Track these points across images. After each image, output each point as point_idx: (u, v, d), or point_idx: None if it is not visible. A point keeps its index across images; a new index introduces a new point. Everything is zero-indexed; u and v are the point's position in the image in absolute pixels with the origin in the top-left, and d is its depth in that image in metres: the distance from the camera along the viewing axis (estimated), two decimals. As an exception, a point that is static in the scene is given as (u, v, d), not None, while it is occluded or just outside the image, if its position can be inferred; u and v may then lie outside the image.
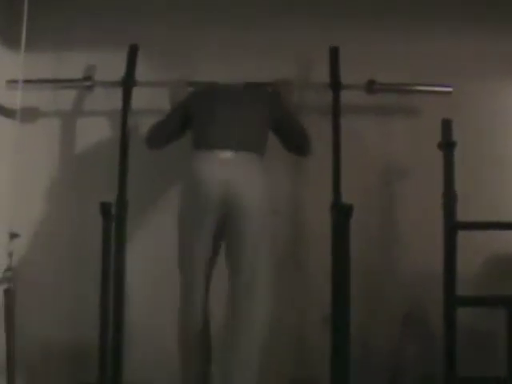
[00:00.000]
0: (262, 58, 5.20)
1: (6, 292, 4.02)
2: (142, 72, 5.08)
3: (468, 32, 5.37)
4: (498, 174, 5.30)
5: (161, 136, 4.59)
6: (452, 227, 4.55)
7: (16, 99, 4.14)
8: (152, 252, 5.09)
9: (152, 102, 5.15)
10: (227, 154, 4.06)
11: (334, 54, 5.10)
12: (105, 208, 4.70)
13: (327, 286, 4.70)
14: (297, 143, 4.59)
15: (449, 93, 5.14)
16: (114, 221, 4.74)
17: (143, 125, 4.91)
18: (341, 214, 4.73)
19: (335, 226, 4.78)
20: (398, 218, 5.27)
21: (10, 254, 4.03)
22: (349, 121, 5.03)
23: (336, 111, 4.99)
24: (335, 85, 5.05)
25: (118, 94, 5.01)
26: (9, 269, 4.02)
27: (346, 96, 5.04)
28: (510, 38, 5.39)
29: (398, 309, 5.21)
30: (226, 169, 4.03)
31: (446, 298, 4.48)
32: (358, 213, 4.64)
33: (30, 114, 5.24)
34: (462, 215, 4.54)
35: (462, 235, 4.52)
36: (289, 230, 5.23)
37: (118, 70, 5.02)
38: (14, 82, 4.46)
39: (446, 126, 4.68)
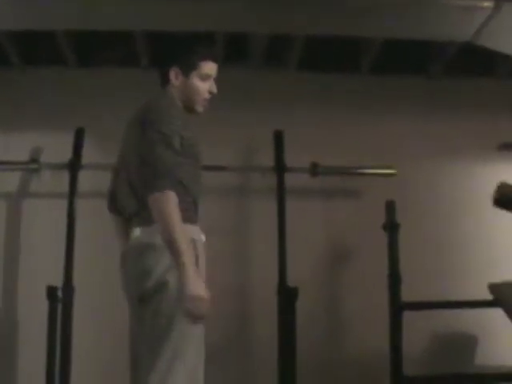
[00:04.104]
0: (206, 143, 5.15)
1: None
2: (88, 155, 5.10)
3: (408, 116, 5.52)
4: (440, 253, 5.35)
5: None
6: (397, 308, 4.61)
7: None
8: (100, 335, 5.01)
9: (98, 184, 5.12)
10: (134, 232, 3.01)
11: (279, 137, 5.19)
12: (51, 292, 4.66)
13: (274, 369, 4.72)
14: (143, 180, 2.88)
15: (392, 175, 5.24)
16: (61, 304, 4.70)
17: (90, 208, 4.90)
18: (287, 296, 4.77)
19: (281, 309, 4.81)
20: (344, 298, 5.29)
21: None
22: (294, 203, 5.10)
23: (281, 194, 5.07)
24: (279, 168, 5.13)
25: (64, 176, 5.04)
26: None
27: (291, 178, 5.13)
28: (448, 121, 5.55)
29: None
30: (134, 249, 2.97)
31: (392, 379, 4.51)
32: (303, 294, 4.69)
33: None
34: (406, 294, 4.63)
35: (406, 315, 4.59)
36: (235, 311, 5.19)
37: (64, 153, 5.04)
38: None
39: (390, 207, 4.78)
